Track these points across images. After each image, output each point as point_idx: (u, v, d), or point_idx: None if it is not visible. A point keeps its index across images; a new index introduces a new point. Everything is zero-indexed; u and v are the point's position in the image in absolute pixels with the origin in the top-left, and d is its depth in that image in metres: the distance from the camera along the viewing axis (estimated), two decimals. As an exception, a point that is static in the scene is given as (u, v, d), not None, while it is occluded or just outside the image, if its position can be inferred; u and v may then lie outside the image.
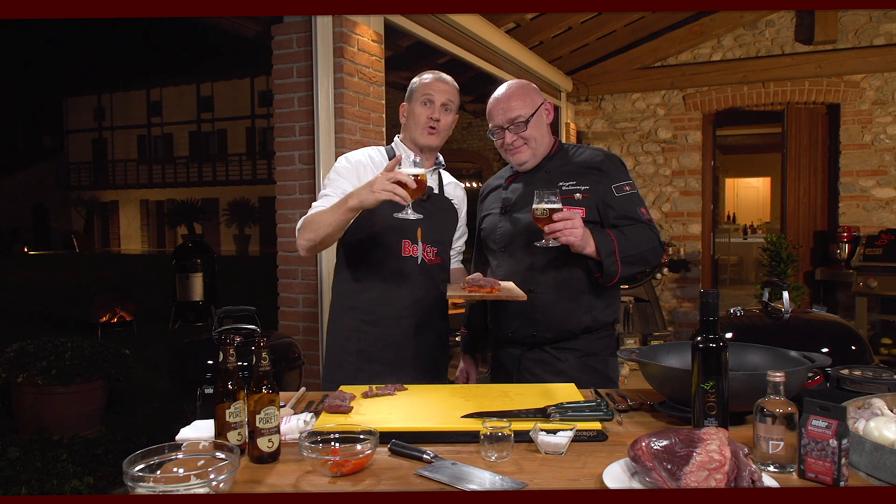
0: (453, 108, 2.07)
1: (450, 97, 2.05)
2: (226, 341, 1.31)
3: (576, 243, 1.75)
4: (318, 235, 1.84)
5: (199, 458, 1.17)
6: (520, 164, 2.01)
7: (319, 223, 1.83)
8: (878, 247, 5.41)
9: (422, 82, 2.06)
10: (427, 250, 2.03)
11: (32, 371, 3.77)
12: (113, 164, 30.92)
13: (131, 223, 31.11)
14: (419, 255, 2.02)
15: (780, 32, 6.19)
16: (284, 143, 3.60)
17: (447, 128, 2.07)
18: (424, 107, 2.03)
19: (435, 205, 2.08)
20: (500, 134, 1.99)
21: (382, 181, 1.66)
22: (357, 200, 1.71)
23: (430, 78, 2.06)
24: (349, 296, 2.05)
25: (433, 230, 2.05)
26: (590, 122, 6.98)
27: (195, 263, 8.04)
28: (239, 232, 27.17)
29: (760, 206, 15.17)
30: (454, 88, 2.08)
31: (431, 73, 2.08)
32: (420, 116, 2.02)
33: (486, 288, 1.77)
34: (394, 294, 2.00)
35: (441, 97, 2.03)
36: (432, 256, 2.05)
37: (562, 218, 1.72)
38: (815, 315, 2.56)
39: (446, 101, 2.04)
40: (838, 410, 1.10)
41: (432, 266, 2.05)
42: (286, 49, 3.55)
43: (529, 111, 1.95)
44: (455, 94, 2.08)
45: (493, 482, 1.15)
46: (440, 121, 2.03)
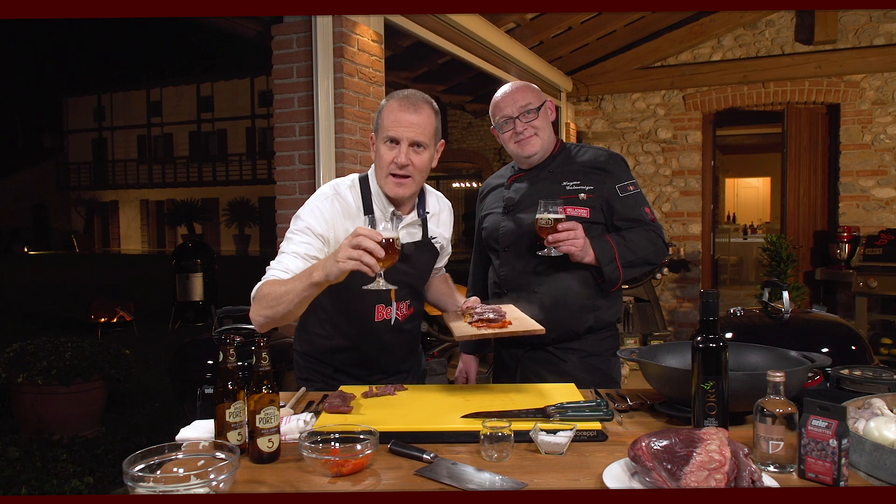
0: (431, 142, 1.68)
1: (422, 133, 1.64)
2: (226, 341, 1.31)
3: (576, 253, 1.80)
4: (276, 313, 1.51)
5: (199, 458, 1.17)
6: (529, 156, 2.00)
7: (278, 299, 1.50)
8: (878, 247, 5.41)
9: (388, 109, 1.65)
10: (400, 307, 1.81)
11: (32, 371, 3.77)
12: (113, 164, 30.91)
13: (131, 223, 31.11)
14: (392, 317, 1.81)
15: (780, 32, 6.18)
16: (284, 143, 3.60)
17: (423, 169, 1.68)
18: (388, 147, 1.65)
19: (413, 259, 1.80)
20: (509, 125, 1.98)
21: (347, 248, 1.37)
22: (322, 274, 1.43)
23: (395, 105, 1.64)
24: (318, 347, 1.87)
25: (409, 286, 1.81)
26: (590, 122, 6.98)
27: (195, 263, 8.04)
28: (239, 232, 27.16)
29: (760, 206, 15.17)
30: (429, 118, 1.66)
31: (398, 99, 1.66)
32: (383, 159, 1.65)
33: (497, 323, 1.62)
34: (366, 357, 1.84)
35: (410, 134, 1.62)
36: (405, 310, 1.83)
37: (565, 228, 1.77)
38: (815, 315, 2.56)
39: (418, 140, 1.64)
40: (838, 410, 1.10)
41: (405, 321, 1.85)
42: (286, 49, 3.55)
43: (538, 102, 1.98)
44: (430, 124, 1.66)
45: (493, 482, 1.15)
46: (410, 165, 1.64)
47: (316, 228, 1.66)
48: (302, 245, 1.64)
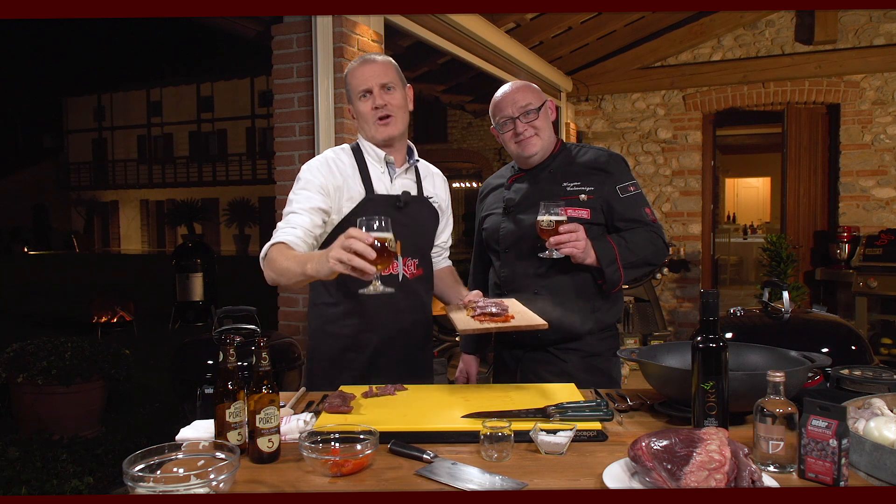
0: (397, 82, 1.85)
1: (385, 75, 1.82)
2: (226, 341, 1.31)
3: (578, 255, 1.80)
4: (281, 281, 1.63)
5: (199, 458, 1.17)
6: (529, 157, 2.00)
7: (281, 271, 1.60)
8: (878, 247, 5.41)
9: (350, 75, 1.85)
10: (408, 263, 1.87)
11: (32, 371, 3.77)
12: (113, 164, 30.90)
13: (131, 223, 31.10)
14: (399, 272, 1.84)
15: (780, 32, 6.18)
16: (284, 143, 3.60)
17: (401, 106, 1.85)
18: (364, 100, 1.82)
19: (412, 211, 1.89)
20: (509, 125, 1.98)
21: (338, 249, 1.38)
22: (314, 269, 1.47)
23: (355, 65, 1.84)
24: (329, 321, 1.90)
25: (413, 240, 1.87)
26: (590, 122, 6.98)
27: (195, 263, 8.04)
28: (239, 232, 27.14)
29: (760, 206, 15.17)
30: (387, 63, 1.85)
31: (357, 60, 1.86)
32: (365, 113, 1.83)
33: (499, 317, 1.65)
34: (377, 319, 1.86)
35: (376, 80, 1.81)
36: (413, 269, 1.89)
37: (566, 230, 1.76)
38: (815, 315, 2.56)
39: (384, 82, 1.82)
40: (838, 410, 1.10)
41: (414, 280, 1.89)
42: (286, 49, 3.55)
43: (539, 102, 1.98)
44: (390, 67, 1.85)
45: (493, 482, 1.15)
46: (388, 104, 1.82)
47: (315, 182, 1.78)
48: (305, 201, 1.74)
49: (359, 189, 1.83)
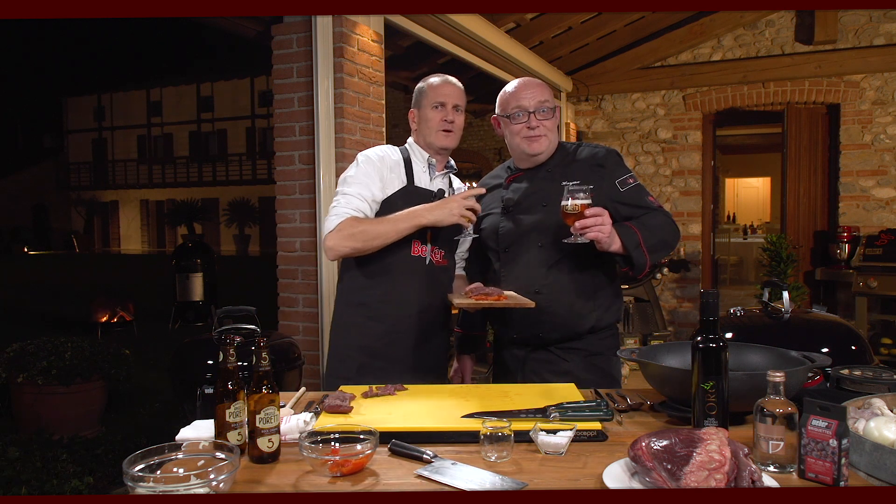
0: (463, 108, 2.11)
1: (460, 98, 2.09)
2: (226, 341, 1.31)
3: (604, 240, 1.75)
4: (367, 246, 1.90)
5: (199, 458, 1.17)
6: (533, 155, 2.01)
7: (376, 235, 1.89)
8: (878, 247, 5.41)
9: (430, 86, 2.08)
10: (435, 252, 2.05)
11: (32, 371, 3.77)
12: (113, 164, 30.91)
13: (131, 223, 31.11)
14: (427, 256, 2.03)
15: (780, 32, 6.19)
16: (284, 143, 3.60)
17: (461, 127, 2.11)
18: (436, 110, 2.05)
19: None
20: (523, 118, 1.98)
21: (461, 207, 1.86)
22: (433, 218, 1.87)
23: (438, 81, 2.08)
24: (356, 291, 2.05)
25: (443, 232, 2.05)
26: (590, 122, 6.98)
27: (195, 263, 8.03)
28: (239, 232, 27.15)
29: (760, 206, 15.16)
30: (462, 90, 2.12)
31: (439, 77, 2.10)
32: (433, 121, 2.05)
33: (493, 296, 1.80)
34: (401, 291, 2.00)
35: (452, 100, 2.06)
36: (440, 258, 2.07)
37: (592, 214, 1.72)
38: (815, 315, 2.56)
39: (457, 103, 2.07)
40: (838, 410, 1.10)
41: (439, 268, 2.06)
42: (286, 49, 3.55)
43: (554, 103, 2.02)
44: (463, 95, 2.11)
45: (493, 482, 1.15)
46: (454, 122, 2.06)
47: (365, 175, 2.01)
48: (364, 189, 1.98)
49: (402, 179, 2.04)
